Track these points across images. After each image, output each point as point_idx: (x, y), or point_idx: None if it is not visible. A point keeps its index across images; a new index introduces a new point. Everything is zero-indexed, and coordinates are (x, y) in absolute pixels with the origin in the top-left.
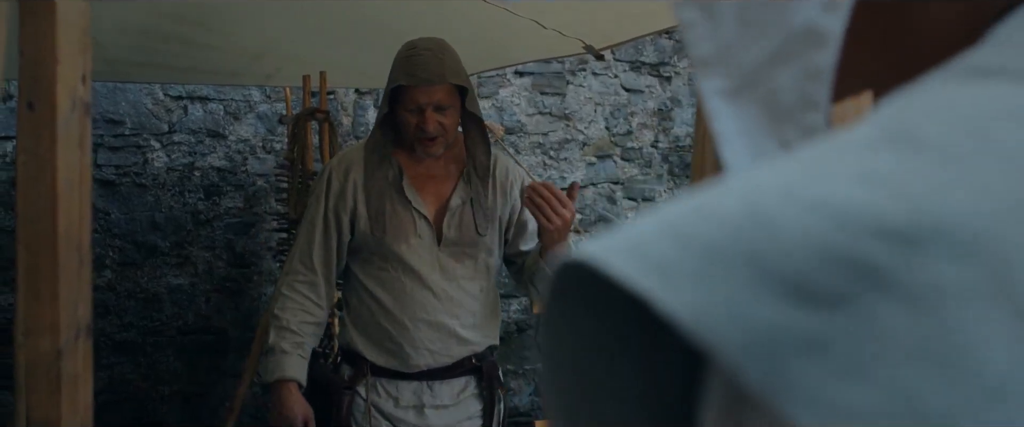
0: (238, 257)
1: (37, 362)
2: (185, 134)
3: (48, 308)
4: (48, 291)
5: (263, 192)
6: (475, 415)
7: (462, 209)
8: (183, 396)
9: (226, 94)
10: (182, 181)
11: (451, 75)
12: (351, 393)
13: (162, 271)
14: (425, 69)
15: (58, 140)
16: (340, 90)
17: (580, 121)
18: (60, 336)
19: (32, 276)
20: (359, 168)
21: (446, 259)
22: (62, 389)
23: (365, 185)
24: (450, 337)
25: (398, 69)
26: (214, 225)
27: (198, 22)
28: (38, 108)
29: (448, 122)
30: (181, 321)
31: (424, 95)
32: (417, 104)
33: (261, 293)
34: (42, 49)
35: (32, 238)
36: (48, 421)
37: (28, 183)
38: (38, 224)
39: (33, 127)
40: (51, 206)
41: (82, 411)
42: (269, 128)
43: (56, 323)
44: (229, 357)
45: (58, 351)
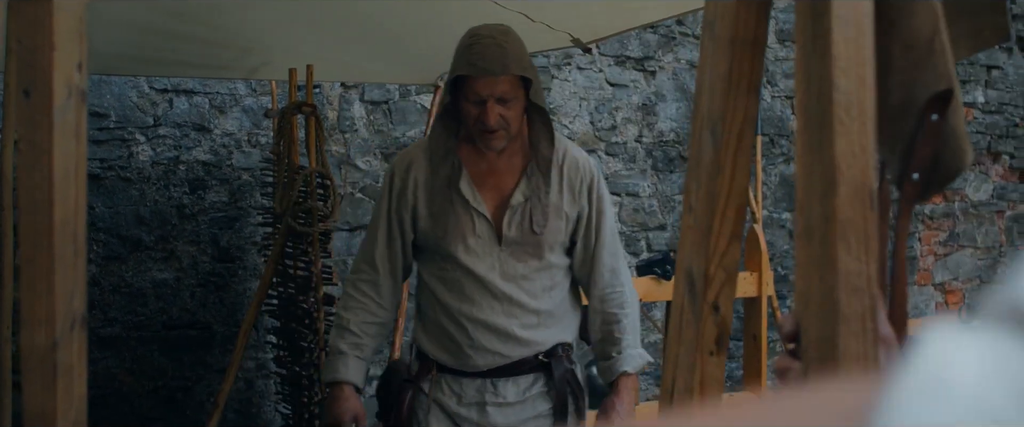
0: (223, 252)
1: (32, 354)
2: (170, 127)
3: (44, 299)
4: (44, 282)
5: (248, 186)
6: (543, 414)
7: (524, 206)
8: (168, 391)
9: (211, 87)
10: (167, 175)
11: (515, 65)
12: (414, 388)
13: (147, 265)
14: (487, 59)
15: (55, 128)
16: (326, 84)
17: (565, 115)
18: (56, 327)
19: (29, 267)
20: (421, 165)
21: (507, 259)
22: (58, 381)
23: (426, 183)
24: (508, 338)
25: (460, 58)
26: (199, 219)
27: (184, 15)
28: (34, 96)
29: (511, 114)
30: (166, 316)
31: (486, 86)
32: (479, 95)
33: (246, 288)
34: (38, 36)
35: (30, 228)
36: (44, 413)
37: (26, 172)
38: (35, 214)
39: (29, 115)
40: (48, 196)
41: (77, 403)
42: (255, 122)
43: (52, 314)
44: (214, 352)
45: (54, 343)
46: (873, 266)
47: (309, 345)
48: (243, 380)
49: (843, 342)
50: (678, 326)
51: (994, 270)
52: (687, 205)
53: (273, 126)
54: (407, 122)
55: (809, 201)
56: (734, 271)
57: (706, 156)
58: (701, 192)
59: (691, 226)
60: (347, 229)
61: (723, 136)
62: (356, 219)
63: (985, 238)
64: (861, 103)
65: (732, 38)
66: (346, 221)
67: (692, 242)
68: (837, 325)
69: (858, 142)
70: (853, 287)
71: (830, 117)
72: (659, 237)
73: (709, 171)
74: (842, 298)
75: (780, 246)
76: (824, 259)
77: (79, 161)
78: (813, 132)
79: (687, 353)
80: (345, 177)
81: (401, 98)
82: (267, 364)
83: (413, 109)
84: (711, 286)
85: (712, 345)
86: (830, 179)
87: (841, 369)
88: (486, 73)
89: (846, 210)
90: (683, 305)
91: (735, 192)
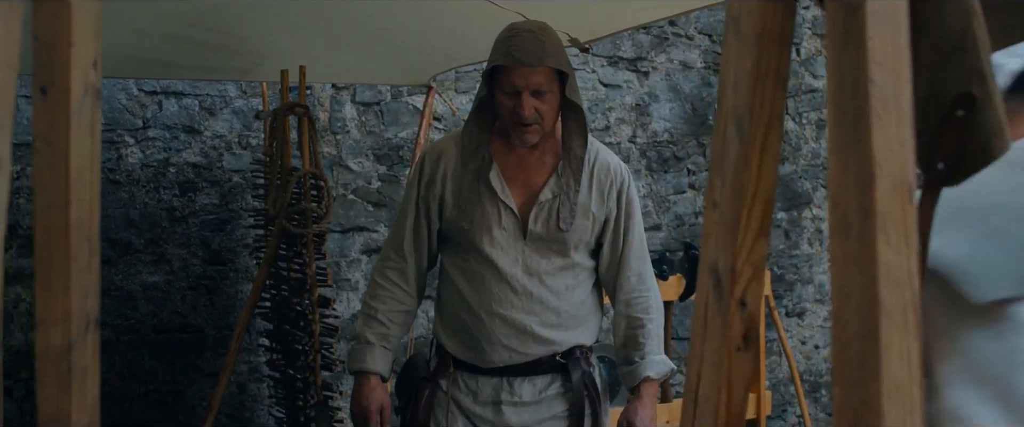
0: (214, 254)
1: (47, 355)
2: (160, 130)
3: (60, 299)
4: (60, 282)
5: (239, 188)
6: (560, 415)
7: (552, 203)
8: (159, 395)
9: (201, 89)
10: (157, 177)
11: (551, 58)
12: (432, 385)
13: (137, 269)
14: (523, 50)
15: (72, 127)
16: (317, 85)
17: None
18: (71, 328)
19: (45, 267)
20: (452, 155)
21: (531, 254)
22: (73, 382)
23: (455, 173)
24: (526, 335)
25: (497, 50)
26: (189, 222)
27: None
28: (51, 94)
29: (545, 108)
30: (156, 320)
31: (521, 77)
32: (514, 86)
33: (238, 291)
34: (56, 33)
35: (45, 228)
36: (58, 415)
37: (43, 171)
38: (51, 214)
39: (47, 114)
40: (64, 195)
41: (90, 405)
42: (245, 123)
43: (68, 315)
44: (206, 356)
45: (69, 344)
46: (913, 259)
47: (304, 348)
48: (235, 384)
49: (885, 336)
50: (703, 323)
51: None
52: (711, 201)
53: (265, 128)
54: (399, 123)
55: (845, 196)
56: (762, 267)
57: (732, 151)
58: (726, 187)
59: (716, 222)
60: (339, 230)
61: (750, 131)
62: (349, 221)
63: None
64: (898, 97)
65: (759, 34)
66: (339, 223)
67: (717, 238)
68: (879, 319)
69: (896, 136)
70: (894, 280)
71: (866, 112)
72: (654, 237)
73: (735, 166)
74: (883, 292)
75: (776, 245)
76: (863, 253)
77: (94, 160)
78: (847, 127)
79: (713, 350)
80: (337, 178)
81: (393, 99)
82: (260, 367)
83: (405, 110)
84: (738, 282)
85: (739, 341)
86: (868, 173)
87: (883, 363)
88: (523, 63)
89: (885, 204)
90: (708, 302)
91: (763, 187)
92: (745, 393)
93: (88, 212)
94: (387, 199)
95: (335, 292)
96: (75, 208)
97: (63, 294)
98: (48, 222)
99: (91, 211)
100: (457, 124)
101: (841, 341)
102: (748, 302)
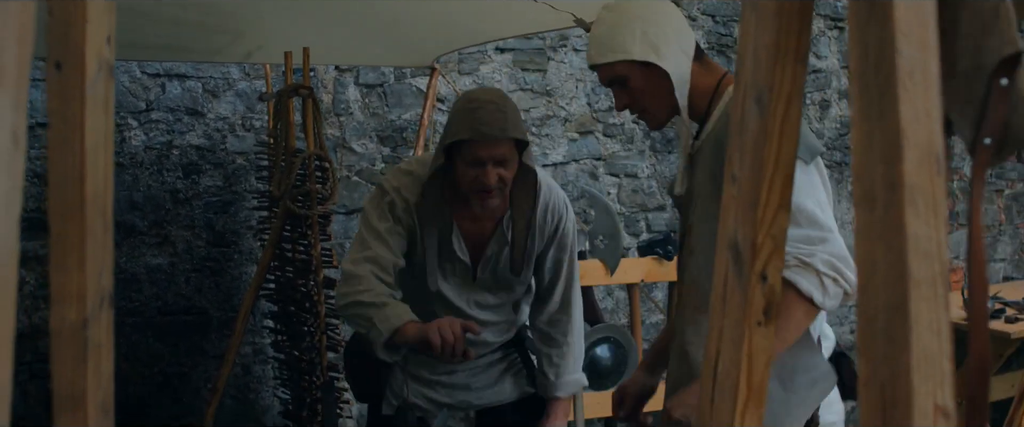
0: (218, 236)
1: (63, 331)
2: (163, 112)
3: (75, 275)
4: (75, 257)
5: (243, 170)
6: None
7: (498, 254)
8: (164, 377)
9: (204, 71)
10: (160, 160)
11: (513, 130)
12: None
13: (141, 251)
14: (488, 124)
15: (87, 102)
16: (320, 67)
17: (562, 97)
18: (86, 304)
19: (60, 243)
20: (413, 204)
21: (478, 291)
22: (88, 359)
23: (417, 224)
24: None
25: (460, 122)
26: (193, 204)
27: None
28: (65, 70)
29: (507, 174)
30: (161, 302)
31: (486, 150)
32: (478, 158)
33: (242, 272)
34: (70, 9)
35: (61, 203)
36: (74, 393)
37: (58, 147)
38: (66, 189)
39: (61, 89)
40: (79, 170)
41: (105, 382)
42: (248, 106)
43: (83, 291)
44: (210, 337)
45: (85, 320)
46: (942, 231)
47: (309, 329)
48: (240, 365)
49: (915, 308)
50: (722, 298)
51: (994, 248)
52: (729, 175)
53: (269, 110)
54: (402, 105)
55: (870, 168)
56: (782, 240)
57: (751, 125)
58: (745, 162)
59: (735, 196)
60: (344, 212)
61: (771, 105)
62: (352, 202)
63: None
64: (925, 67)
65: (778, 10)
66: (343, 204)
67: (736, 213)
68: (908, 291)
69: (923, 107)
70: (923, 252)
71: (893, 83)
72: (658, 218)
73: (754, 140)
74: (912, 263)
75: None
76: (890, 225)
77: (108, 136)
78: (872, 99)
79: (733, 326)
80: (341, 160)
81: (396, 81)
82: (265, 349)
83: (408, 91)
84: (759, 256)
85: (760, 316)
86: (895, 144)
87: (913, 335)
88: (489, 137)
89: (913, 175)
90: (727, 276)
91: (783, 161)
92: (766, 368)
93: (103, 187)
94: None
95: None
96: (90, 183)
97: (78, 270)
98: (62, 198)
99: (105, 187)
100: None
101: (867, 314)
102: (769, 276)
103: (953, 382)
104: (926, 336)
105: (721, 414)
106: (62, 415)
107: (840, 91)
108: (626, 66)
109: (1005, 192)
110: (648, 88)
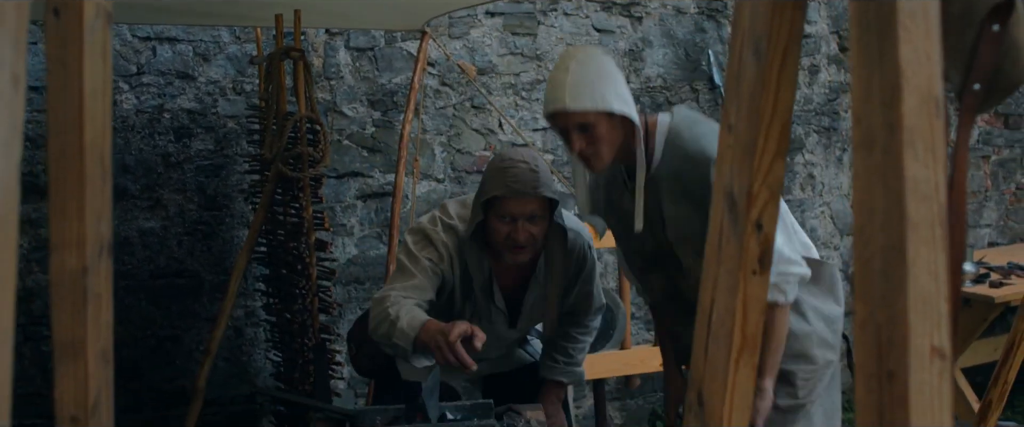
0: (210, 200)
1: (63, 280)
2: (154, 76)
3: (74, 223)
4: (74, 204)
5: (234, 134)
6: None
7: (534, 304)
8: (157, 340)
9: (195, 35)
10: (152, 123)
11: (544, 188)
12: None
13: (133, 214)
14: (520, 181)
15: (85, 48)
16: (310, 31)
17: (551, 61)
18: (86, 252)
19: (59, 190)
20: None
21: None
22: (88, 307)
23: (458, 279)
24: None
25: (494, 180)
26: (185, 168)
27: None
28: (64, 15)
29: (537, 231)
30: (153, 265)
31: (517, 206)
32: (511, 214)
33: (234, 236)
34: None
35: (60, 150)
36: (74, 341)
37: (57, 93)
38: (65, 135)
39: (59, 35)
40: (78, 117)
41: (105, 331)
42: (239, 69)
43: (82, 238)
44: (202, 300)
45: (84, 267)
46: (941, 173)
47: (301, 291)
48: (232, 328)
49: (912, 249)
50: (717, 247)
51: (979, 214)
52: (726, 125)
53: (260, 73)
54: (393, 69)
55: (869, 111)
56: (778, 190)
57: (748, 74)
58: (742, 111)
59: (731, 146)
60: (335, 176)
61: (768, 53)
62: (343, 166)
63: (971, 183)
64: (925, 9)
65: None
66: (334, 168)
67: (732, 161)
68: (905, 232)
69: (923, 49)
70: (921, 194)
71: (893, 25)
72: None
73: (751, 89)
74: (910, 205)
75: None
76: (888, 168)
77: (106, 83)
78: (872, 42)
79: (728, 274)
80: (331, 124)
81: (387, 45)
82: (256, 312)
83: (399, 56)
84: (755, 204)
85: (755, 264)
86: (895, 87)
87: (910, 276)
88: (520, 194)
89: (912, 118)
90: (722, 226)
91: (780, 109)
92: (760, 316)
93: (101, 134)
94: (382, 144)
95: (332, 237)
96: (89, 129)
97: (77, 217)
98: (62, 144)
99: (104, 134)
100: (450, 69)
101: (864, 257)
102: (764, 225)
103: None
104: (924, 278)
105: (716, 362)
106: (62, 363)
107: (829, 56)
108: (597, 115)
109: (991, 158)
110: (608, 136)
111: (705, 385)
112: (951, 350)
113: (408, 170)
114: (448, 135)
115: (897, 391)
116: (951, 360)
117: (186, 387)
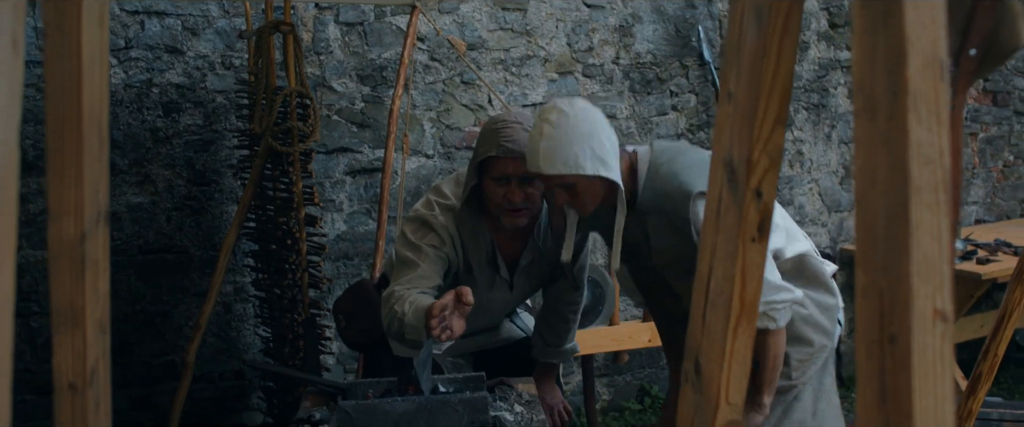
0: (199, 175)
1: (61, 246)
2: (142, 50)
3: (72, 189)
4: (72, 170)
5: (223, 109)
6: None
7: (531, 266)
8: (146, 316)
9: (183, 9)
10: (140, 98)
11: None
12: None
13: (122, 189)
14: (514, 140)
15: (83, 14)
16: (300, 5)
17: (541, 37)
18: (84, 219)
19: (57, 156)
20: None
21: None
22: (86, 274)
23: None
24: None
25: (487, 140)
26: (173, 143)
27: None
28: None
29: (534, 192)
30: (142, 240)
31: (512, 166)
32: (505, 174)
33: (223, 211)
34: None
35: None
36: (73, 308)
37: (54, 60)
38: (62, 101)
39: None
40: (76, 83)
41: (102, 300)
42: (228, 44)
43: (81, 205)
44: (191, 276)
45: (82, 234)
46: (944, 137)
47: (291, 266)
48: (221, 303)
49: (915, 214)
50: (716, 214)
51: (967, 191)
52: (726, 92)
53: (249, 47)
54: (383, 44)
55: (872, 76)
56: (778, 157)
57: (748, 40)
58: (742, 78)
59: (730, 113)
60: (324, 152)
61: (769, 18)
62: (333, 142)
63: None
64: None
65: None
66: (323, 143)
67: (732, 129)
68: (908, 197)
69: (928, 12)
70: (925, 158)
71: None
72: None
73: (752, 55)
74: (914, 169)
75: None
76: (892, 132)
77: (103, 48)
78: (875, 5)
79: (727, 241)
80: (321, 99)
81: (376, 19)
82: (246, 287)
83: (389, 30)
84: (754, 172)
85: (754, 232)
86: (899, 51)
87: (913, 241)
88: (512, 154)
89: (917, 81)
90: (722, 193)
91: (781, 76)
92: (758, 284)
93: (99, 101)
94: (371, 120)
95: (321, 212)
96: (86, 96)
97: (75, 184)
98: (60, 110)
99: (102, 100)
100: (440, 44)
101: (865, 223)
102: (764, 192)
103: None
104: (927, 241)
105: (714, 329)
106: (60, 331)
107: (819, 33)
108: (575, 176)
109: (979, 135)
110: (590, 190)
111: (702, 353)
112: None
113: (397, 146)
114: (437, 111)
115: (899, 354)
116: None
117: (175, 362)
